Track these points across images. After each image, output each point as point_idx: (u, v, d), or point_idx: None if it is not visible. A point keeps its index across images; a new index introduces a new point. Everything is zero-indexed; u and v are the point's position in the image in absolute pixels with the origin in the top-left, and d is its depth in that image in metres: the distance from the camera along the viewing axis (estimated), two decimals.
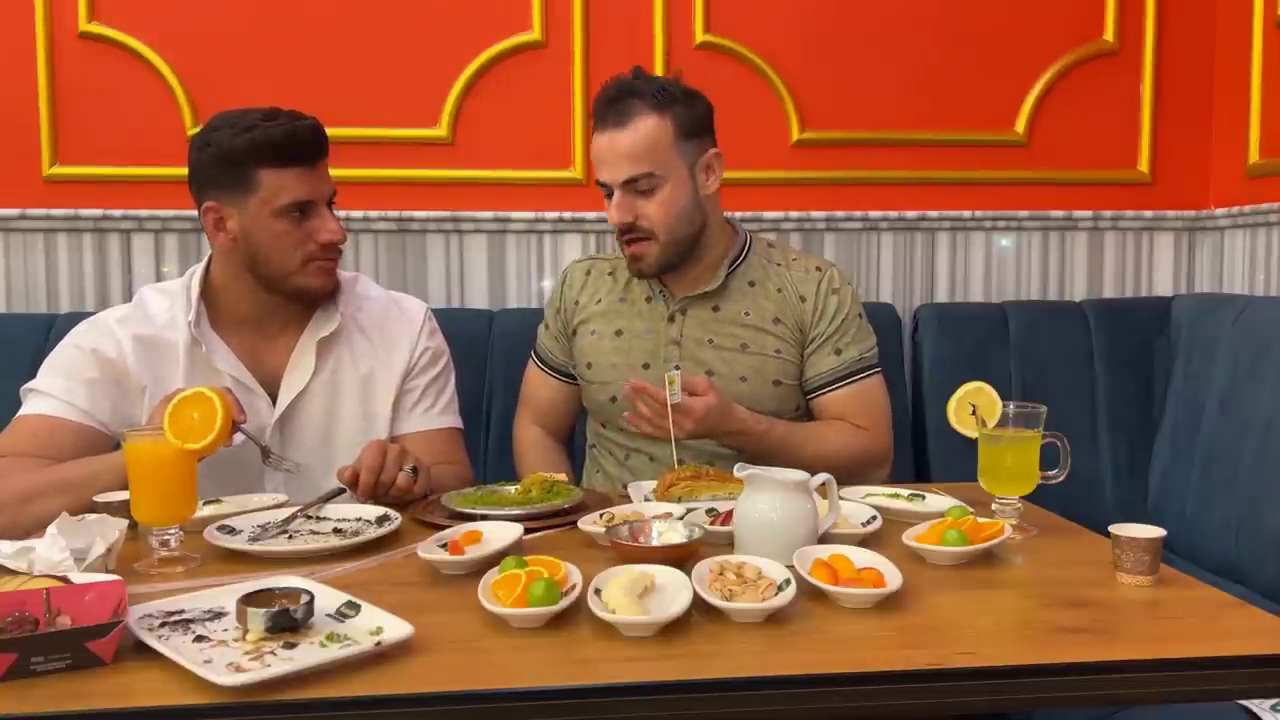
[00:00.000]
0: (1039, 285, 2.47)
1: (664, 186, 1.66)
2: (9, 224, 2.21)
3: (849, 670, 0.93)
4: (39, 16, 2.18)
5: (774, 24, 2.35)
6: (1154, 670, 0.95)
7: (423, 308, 1.81)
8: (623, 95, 1.66)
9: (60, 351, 1.63)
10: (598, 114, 1.68)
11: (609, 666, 0.94)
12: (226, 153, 1.56)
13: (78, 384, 1.58)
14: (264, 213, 1.57)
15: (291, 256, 1.59)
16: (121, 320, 1.64)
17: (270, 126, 1.55)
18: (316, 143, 1.60)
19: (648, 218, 1.67)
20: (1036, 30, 2.41)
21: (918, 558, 1.21)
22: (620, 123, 1.64)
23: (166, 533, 1.24)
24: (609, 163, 1.66)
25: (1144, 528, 1.15)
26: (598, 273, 1.87)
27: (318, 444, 1.66)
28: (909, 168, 2.41)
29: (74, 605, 0.92)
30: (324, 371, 1.67)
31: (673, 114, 1.66)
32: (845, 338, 1.76)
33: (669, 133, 1.66)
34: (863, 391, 1.76)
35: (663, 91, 1.67)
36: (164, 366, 1.62)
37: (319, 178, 1.60)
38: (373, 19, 2.26)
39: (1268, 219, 2.24)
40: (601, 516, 1.35)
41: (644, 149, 1.64)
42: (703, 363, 1.73)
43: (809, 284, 1.78)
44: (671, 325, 1.76)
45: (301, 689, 0.87)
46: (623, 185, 1.65)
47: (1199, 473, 2.07)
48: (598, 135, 1.67)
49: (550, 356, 1.90)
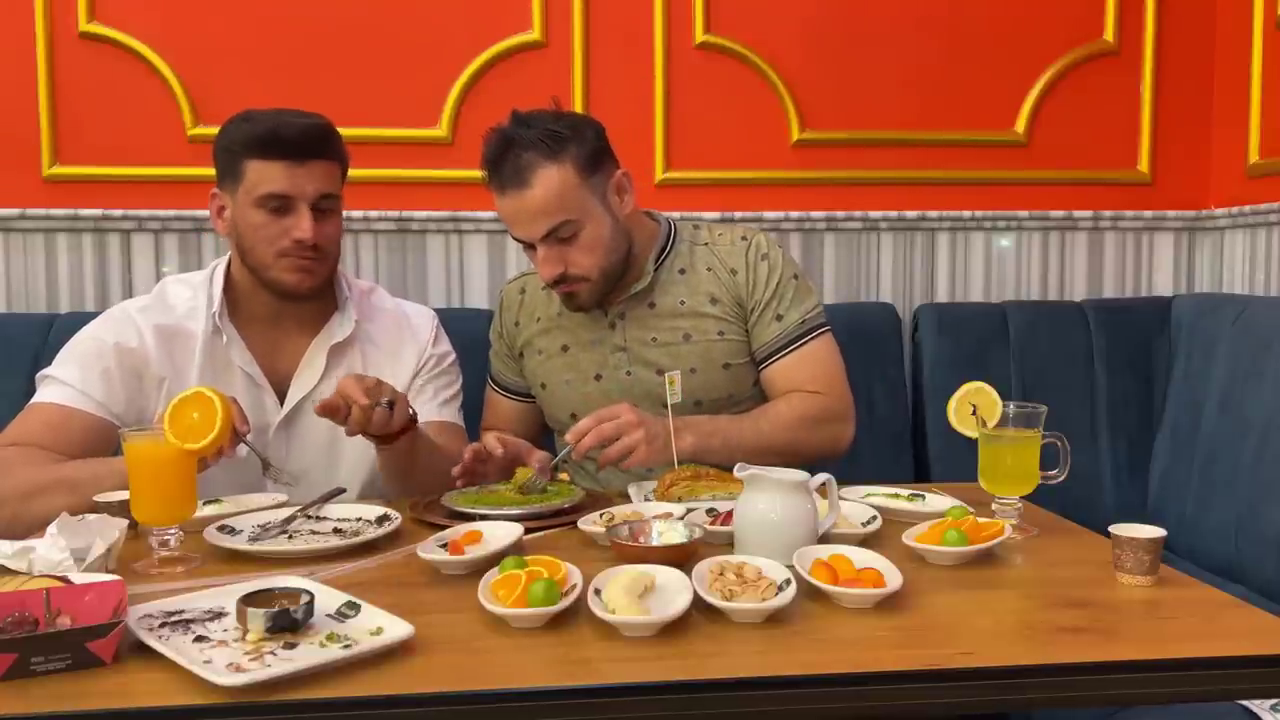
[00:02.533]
0: (1039, 285, 2.47)
1: (584, 228, 1.62)
2: (9, 224, 2.21)
3: (849, 670, 0.93)
4: (39, 16, 2.18)
5: (774, 24, 2.35)
6: (1154, 670, 0.95)
7: (431, 317, 1.82)
8: (512, 150, 1.58)
9: (80, 341, 1.63)
10: (491, 173, 1.61)
11: (609, 666, 0.94)
12: (227, 142, 1.61)
13: (94, 375, 1.58)
14: (246, 202, 1.59)
15: (266, 249, 1.60)
16: (143, 310, 1.65)
17: (263, 119, 1.59)
18: (306, 141, 1.59)
19: (578, 265, 1.63)
20: (1036, 30, 2.41)
21: (918, 558, 1.21)
22: (520, 182, 1.58)
23: (166, 533, 1.24)
24: (522, 223, 1.61)
25: (1144, 528, 1.15)
26: (532, 290, 1.85)
27: (321, 448, 1.66)
28: (909, 168, 2.41)
29: (74, 605, 0.92)
30: (332, 376, 1.67)
31: (569, 157, 1.59)
32: (784, 302, 1.73)
33: (572, 177, 1.59)
34: (810, 354, 1.73)
35: (552, 137, 1.58)
36: (183, 357, 1.63)
37: (305, 176, 1.59)
38: (373, 19, 2.26)
39: (1268, 219, 2.25)
40: (601, 516, 1.35)
41: (554, 202, 1.58)
42: (651, 363, 1.72)
43: (736, 255, 1.76)
44: (614, 332, 1.75)
45: (301, 689, 0.87)
46: (544, 239, 1.61)
47: (1199, 473, 2.07)
48: (500, 197, 1.61)
49: (503, 378, 1.89)
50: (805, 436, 1.67)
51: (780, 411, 1.68)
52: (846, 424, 1.75)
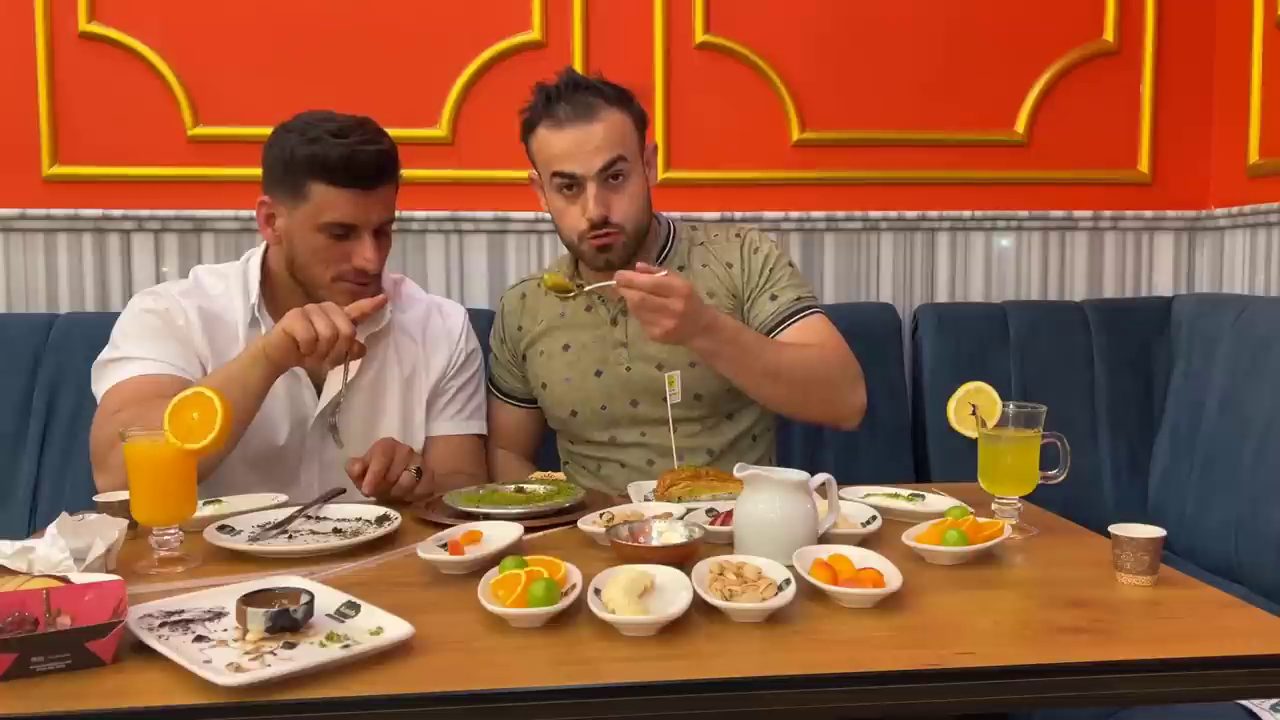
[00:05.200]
0: (1039, 285, 2.47)
1: (632, 176, 1.67)
2: (9, 224, 2.21)
3: (849, 670, 0.93)
4: (39, 16, 2.18)
5: (774, 24, 2.35)
6: (1154, 670, 0.95)
7: (462, 312, 1.84)
8: (576, 93, 1.64)
9: (132, 320, 1.62)
10: (550, 110, 1.65)
11: (609, 666, 0.94)
12: (288, 157, 1.57)
13: (164, 344, 1.58)
14: (307, 223, 1.58)
15: (322, 271, 1.60)
16: (185, 293, 1.66)
17: (334, 144, 1.55)
18: (378, 169, 1.58)
19: (619, 211, 1.66)
20: (1036, 30, 2.41)
21: (918, 558, 1.21)
22: (586, 116, 1.63)
23: (166, 533, 1.24)
24: (582, 155, 1.63)
25: (1144, 528, 1.15)
26: (533, 295, 1.86)
27: (359, 439, 1.64)
28: (909, 168, 2.41)
29: (74, 605, 0.92)
30: (369, 369, 1.68)
31: (628, 108, 1.68)
32: (778, 285, 1.74)
33: (630, 125, 1.68)
34: (809, 326, 1.71)
35: (614, 88, 1.67)
36: (225, 343, 1.63)
37: (372, 204, 1.58)
38: (372, 19, 2.25)
39: (1268, 219, 2.24)
40: (601, 516, 1.35)
41: (616, 139, 1.64)
42: (651, 358, 1.72)
43: (732, 250, 1.79)
44: (615, 328, 1.76)
45: (301, 689, 0.87)
46: (599, 174, 1.63)
47: (1199, 473, 2.07)
48: (558, 132, 1.64)
49: (504, 385, 1.90)
50: (819, 384, 1.64)
51: (807, 352, 1.65)
52: (858, 389, 1.70)
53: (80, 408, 1.99)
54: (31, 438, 2.01)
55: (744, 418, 1.78)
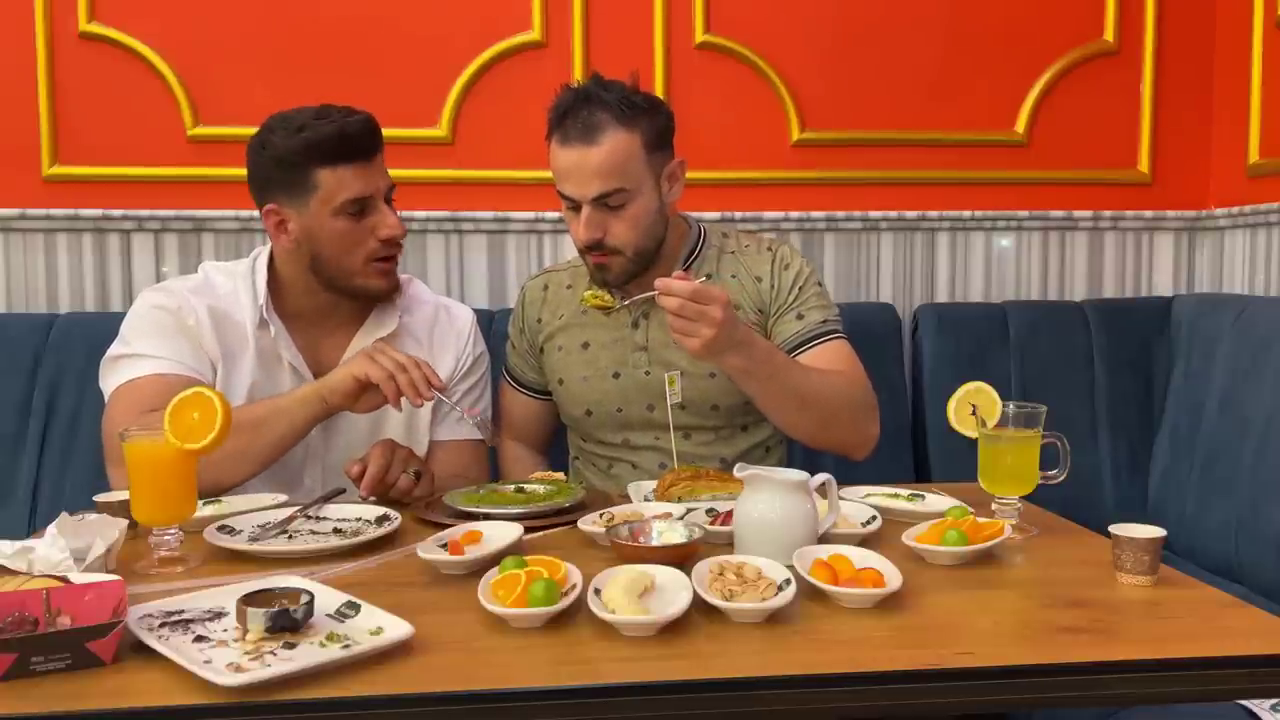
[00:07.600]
0: (1039, 285, 2.47)
1: (634, 201, 1.61)
2: (9, 224, 2.21)
3: (849, 670, 0.93)
4: (39, 16, 2.18)
5: (774, 24, 2.35)
6: (1154, 670, 0.95)
7: (470, 315, 1.83)
8: (587, 106, 1.59)
9: (143, 317, 1.62)
10: (557, 125, 1.61)
11: (609, 666, 0.94)
12: (283, 154, 1.57)
13: (175, 342, 1.58)
14: (324, 212, 1.58)
15: (354, 256, 1.60)
16: (195, 290, 1.65)
17: (322, 125, 1.56)
18: (370, 137, 1.59)
19: (616, 235, 1.62)
20: (1036, 30, 2.41)
21: (918, 558, 1.21)
22: (589, 139, 1.58)
23: (166, 533, 1.24)
24: (578, 180, 1.59)
25: (1144, 528, 1.15)
26: (555, 286, 1.84)
27: (364, 442, 1.63)
28: (909, 168, 2.41)
29: (74, 605, 0.92)
30: None
31: (640, 128, 1.61)
32: (806, 305, 1.73)
33: (638, 147, 1.60)
34: (833, 350, 1.70)
35: (628, 104, 1.60)
36: (235, 344, 1.62)
37: (375, 173, 1.60)
38: (372, 19, 2.26)
39: (1268, 219, 2.24)
40: (601, 516, 1.35)
41: (616, 166, 1.58)
42: (671, 364, 1.70)
43: (763, 264, 1.76)
44: (636, 331, 1.74)
45: (301, 689, 0.87)
46: (593, 201, 1.60)
47: (1199, 473, 2.07)
48: (562, 149, 1.60)
49: (521, 374, 1.88)
50: (841, 414, 1.63)
51: (834, 379, 1.63)
52: (873, 421, 1.70)
53: (80, 408, 2.00)
54: (31, 438, 2.01)
55: (758, 431, 1.77)
